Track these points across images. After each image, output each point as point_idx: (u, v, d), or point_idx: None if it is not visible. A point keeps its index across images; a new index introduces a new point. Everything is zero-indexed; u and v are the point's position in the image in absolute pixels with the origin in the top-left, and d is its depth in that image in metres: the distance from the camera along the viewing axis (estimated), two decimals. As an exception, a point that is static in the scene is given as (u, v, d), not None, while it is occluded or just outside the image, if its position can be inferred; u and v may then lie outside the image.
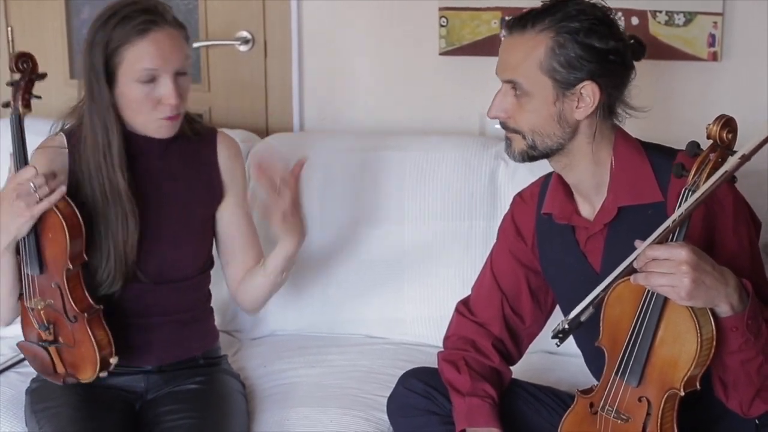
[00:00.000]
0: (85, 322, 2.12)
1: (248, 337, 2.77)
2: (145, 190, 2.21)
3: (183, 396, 2.22)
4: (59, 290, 2.12)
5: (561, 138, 1.90)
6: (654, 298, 1.75)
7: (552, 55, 1.85)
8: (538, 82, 1.88)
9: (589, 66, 1.85)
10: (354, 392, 2.40)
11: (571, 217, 2.01)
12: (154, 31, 2.10)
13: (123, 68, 2.10)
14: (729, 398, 1.83)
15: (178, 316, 2.28)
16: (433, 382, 2.11)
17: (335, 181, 2.73)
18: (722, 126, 1.68)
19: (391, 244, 2.67)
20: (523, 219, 2.14)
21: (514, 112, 1.92)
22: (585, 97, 1.87)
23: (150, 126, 2.17)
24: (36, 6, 3.19)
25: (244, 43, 3.09)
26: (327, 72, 3.05)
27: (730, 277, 1.72)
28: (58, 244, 2.09)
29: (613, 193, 1.93)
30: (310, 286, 2.73)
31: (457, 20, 2.84)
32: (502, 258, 2.18)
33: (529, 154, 1.94)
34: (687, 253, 1.66)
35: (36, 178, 2.04)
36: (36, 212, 2.05)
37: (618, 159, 1.93)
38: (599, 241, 1.96)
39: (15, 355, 2.51)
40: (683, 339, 1.72)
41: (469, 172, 2.64)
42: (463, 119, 2.93)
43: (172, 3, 3.12)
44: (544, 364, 2.50)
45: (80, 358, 2.16)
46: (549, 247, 2.08)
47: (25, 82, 2.08)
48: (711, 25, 2.63)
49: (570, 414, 1.94)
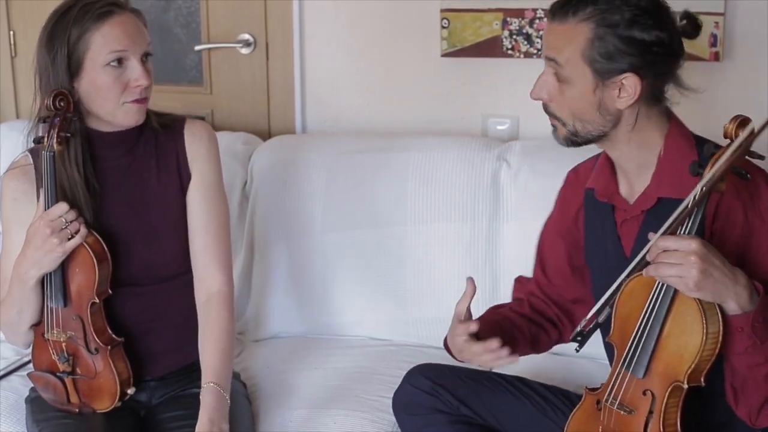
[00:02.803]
0: (107, 354, 2.12)
1: (251, 339, 2.77)
2: (114, 190, 2.19)
3: (187, 401, 2.20)
4: (81, 323, 2.12)
5: (602, 126, 1.88)
6: (663, 291, 1.76)
7: (592, 46, 1.82)
8: (578, 69, 1.85)
9: (630, 59, 1.82)
10: (357, 394, 2.40)
11: (612, 196, 1.99)
12: (116, 14, 2.08)
13: (90, 55, 2.07)
14: (738, 405, 1.82)
15: (174, 318, 2.26)
16: (440, 379, 2.11)
17: (338, 182, 2.73)
18: (739, 125, 1.69)
19: (394, 246, 2.67)
20: (572, 192, 2.13)
21: (555, 96, 1.89)
22: (627, 87, 1.84)
23: (118, 113, 2.13)
24: (38, 9, 3.18)
25: (246, 45, 3.09)
26: (329, 74, 3.05)
27: (740, 276, 1.72)
28: (86, 278, 2.10)
29: (656, 182, 1.90)
30: (313, 287, 2.73)
31: (459, 22, 2.84)
32: (547, 232, 2.20)
33: (572, 140, 1.92)
34: (697, 245, 1.67)
35: (67, 213, 2.05)
36: (68, 248, 2.06)
37: (668, 148, 1.90)
38: (635, 226, 1.95)
39: (17, 359, 2.52)
40: (690, 331, 1.73)
41: (471, 173, 2.64)
42: (465, 120, 2.94)
43: (174, 5, 3.15)
44: (551, 364, 2.50)
45: (98, 389, 2.16)
46: (591, 225, 2.07)
47: (60, 120, 2.05)
48: (712, 25, 2.63)
49: (578, 411, 1.95)
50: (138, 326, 2.22)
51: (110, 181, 2.18)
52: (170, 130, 2.24)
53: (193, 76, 3.23)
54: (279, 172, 2.79)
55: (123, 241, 2.18)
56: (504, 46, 2.81)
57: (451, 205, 2.64)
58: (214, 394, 2.09)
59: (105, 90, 2.10)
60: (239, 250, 2.80)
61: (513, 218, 2.58)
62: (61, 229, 2.05)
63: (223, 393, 2.10)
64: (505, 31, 2.80)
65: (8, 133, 2.92)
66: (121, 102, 2.11)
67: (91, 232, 2.10)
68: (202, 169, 2.24)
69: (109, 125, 2.16)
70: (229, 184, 2.62)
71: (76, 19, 2.06)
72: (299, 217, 2.74)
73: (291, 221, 2.75)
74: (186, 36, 3.19)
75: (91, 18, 2.06)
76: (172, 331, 2.26)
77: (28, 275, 2.09)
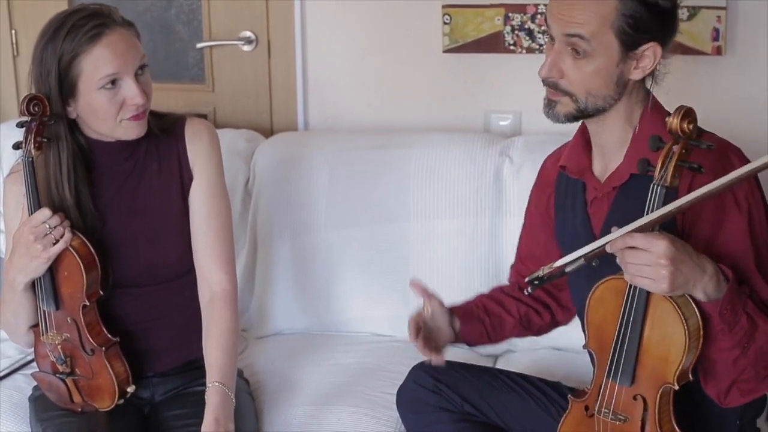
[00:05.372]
0: (103, 355, 2.12)
1: (254, 336, 2.77)
2: (116, 195, 2.19)
3: (190, 399, 2.21)
4: (76, 325, 2.12)
5: (612, 98, 1.86)
6: (637, 296, 1.73)
7: (620, 16, 1.80)
8: (604, 42, 1.81)
9: (654, 26, 1.81)
10: (361, 390, 2.40)
11: (584, 173, 1.98)
12: (106, 34, 2.05)
13: (83, 79, 2.05)
14: (707, 385, 1.81)
15: (175, 318, 2.26)
16: (443, 376, 2.11)
17: (340, 179, 2.73)
18: (682, 117, 1.65)
19: (397, 242, 2.67)
20: (548, 175, 2.13)
21: (570, 73, 1.85)
22: (645, 58, 1.83)
23: (117, 130, 2.13)
24: (40, 8, 3.18)
25: (248, 43, 3.09)
26: (331, 71, 3.05)
27: (708, 265, 1.70)
28: (74, 281, 2.10)
29: (629, 159, 1.88)
30: (317, 284, 2.73)
31: (461, 17, 2.83)
32: (527, 218, 2.21)
33: (575, 115, 1.89)
34: (666, 246, 1.64)
35: (50, 219, 2.05)
36: (52, 254, 2.06)
37: (643, 126, 1.89)
38: (605, 204, 1.94)
39: (21, 358, 2.52)
40: (671, 333, 1.72)
41: (473, 169, 2.64)
42: (467, 116, 2.93)
43: (175, 3, 3.15)
44: (552, 360, 2.50)
45: (97, 389, 2.16)
46: (562, 203, 2.06)
47: (37, 125, 2.04)
48: (715, 19, 2.62)
49: (566, 419, 1.93)
50: (139, 325, 2.23)
51: (112, 187, 2.19)
52: (172, 132, 2.24)
53: (195, 74, 3.23)
54: (282, 169, 2.79)
55: (126, 244, 2.18)
56: (506, 42, 2.81)
57: (453, 201, 2.64)
58: (219, 394, 2.09)
59: (101, 111, 2.09)
60: (242, 247, 2.80)
61: (516, 214, 2.57)
62: (45, 235, 2.05)
63: (228, 392, 2.10)
64: (507, 26, 2.79)
65: (9, 133, 2.91)
66: (118, 120, 2.11)
67: (77, 235, 2.09)
68: (203, 169, 2.23)
69: (110, 136, 2.16)
70: (231, 182, 2.62)
71: (65, 42, 2.04)
72: (302, 214, 2.74)
73: (294, 218, 2.75)
74: (188, 34, 3.18)
75: (80, 41, 2.03)
76: (173, 328, 2.26)
77: (16, 281, 2.10)
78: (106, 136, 2.15)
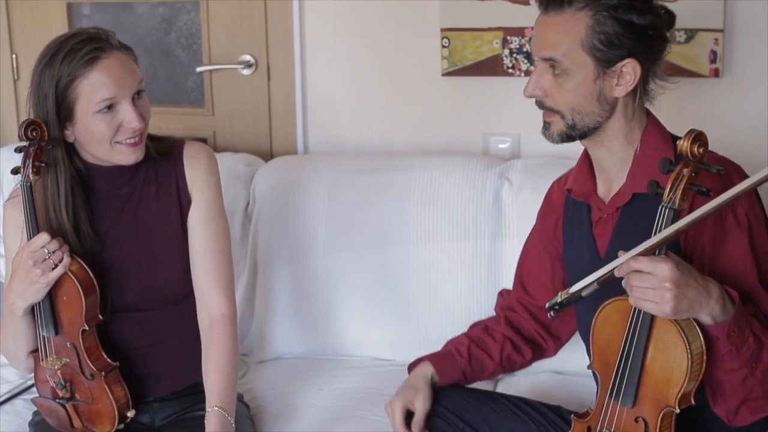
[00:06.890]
0: (103, 379, 2.12)
1: (255, 360, 2.76)
2: (115, 219, 2.19)
3: (190, 423, 2.20)
4: (75, 350, 2.12)
5: (599, 116, 1.89)
6: (641, 318, 1.74)
7: (592, 33, 1.83)
8: (578, 60, 1.85)
9: (629, 43, 1.83)
10: (362, 414, 2.39)
11: (589, 195, 2.00)
12: (103, 58, 2.05)
13: (80, 103, 2.06)
14: (716, 404, 1.82)
15: (175, 342, 2.26)
16: (444, 400, 2.11)
17: (340, 203, 2.73)
18: (693, 141, 1.67)
19: (396, 265, 2.67)
20: (554, 200, 2.15)
21: (552, 91, 1.89)
22: (625, 75, 1.86)
23: (114, 154, 2.12)
24: (41, 32, 3.20)
25: (247, 66, 3.10)
26: (330, 94, 3.05)
27: (713, 288, 1.71)
28: (73, 306, 2.09)
29: (632, 179, 1.91)
30: (317, 308, 2.73)
31: (459, 41, 2.84)
32: (529, 242, 2.22)
33: (568, 134, 1.92)
34: (670, 269, 1.66)
35: (49, 244, 2.05)
36: (51, 279, 2.06)
37: (644, 145, 1.91)
38: (609, 225, 1.95)
39: (21, 383, 2.52)
40: (674, 356, 1.72)
41: (473, 191, 2.64)
42: (466, 139, 2.94)
43: (175, 27, 3.16)
44: (552, 383, 2.50)
45: (97, 414, 2.15)
46: (569, 227, 2.08)
47: (35, 150, 2.04)
48: (712, 41, 2.63)
49: None
50: (139, 349, 2.22)
51: (111, 211, 2.19)
52: (170, 155, 2.24)
53: (194, 98, 3.24)
54: (281, 193, 2.79)
55: (124, 269, 2.18)
56: (504, 65, 2.82)
57: (453, 224, 2.64)
58: (219, 419, 2.08)
59: (98, 134, 2.09)
60: (242, 271, 2.80)
61: (515, 236, 2.57)
62: (44, 259, 2.05)
63: (227, 417, 2.09)
64: (505, 49, 2.80)
65: (10, 157, 2.92)
66: (114, 141, 2.10)
67: (76, 260, 2.09)
68: (201, 192, 2.23)
69: (108, 161, 2.17)
70: (231, 206, 2.62)
71: (62, 65, 2.04)
72: (302, 238, 2.74)
73: (294, 242, 2.75)
74: (187, 57, 3.20)
75: (77, 65, 2.04)
76: (173, 353, 2.26)
77: (15, 306, 2.10)
78: (103, 160, 2.15)
